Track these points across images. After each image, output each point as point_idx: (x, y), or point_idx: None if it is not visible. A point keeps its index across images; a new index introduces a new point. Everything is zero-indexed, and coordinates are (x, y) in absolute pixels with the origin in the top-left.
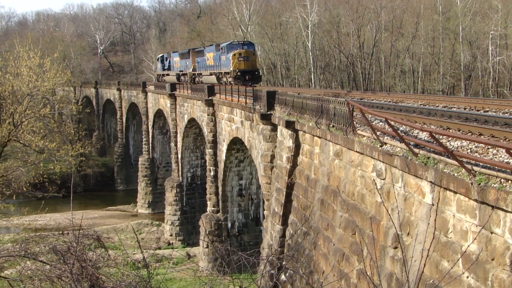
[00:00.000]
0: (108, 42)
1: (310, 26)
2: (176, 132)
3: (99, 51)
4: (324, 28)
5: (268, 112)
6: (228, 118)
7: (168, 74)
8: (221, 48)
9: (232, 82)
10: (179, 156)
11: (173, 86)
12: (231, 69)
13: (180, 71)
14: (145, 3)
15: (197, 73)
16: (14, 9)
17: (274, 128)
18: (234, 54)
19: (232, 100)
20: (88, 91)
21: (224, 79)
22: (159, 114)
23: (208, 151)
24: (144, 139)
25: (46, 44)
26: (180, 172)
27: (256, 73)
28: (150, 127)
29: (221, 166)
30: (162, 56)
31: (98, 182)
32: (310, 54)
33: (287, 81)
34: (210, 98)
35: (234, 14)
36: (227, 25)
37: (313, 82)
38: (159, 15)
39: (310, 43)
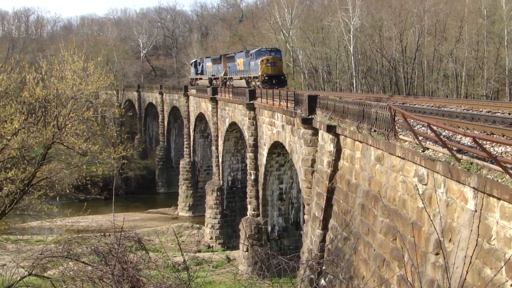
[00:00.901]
0: (151, 46)
1: (352, 30)
2: (217, 136)
3: (141, 55)
4: (366, 32)
5: (310, 117)
6: (269, 122)
7: (201, 78)
8: (251, 54)
9: (260, 86)
10: (220, 159)
11: (214, 90)
12: (259, 73)
13: (212, 75)
14: (187, 7)
15: (228, 77)
16: (60, 14)
17: (315, 132)
18: (262, 60)
19: (273, 104)
20: (131, 95)
21: (253, 83)
22: (201, 117)
23: (249, 155)
24: (185, 143)
25: (90, 48)
26: (220, 176)
27: (282, 77)
28: (191, 130)
29: (262, 170)
30: (196, 61)
31: (140, 184)
32: (352, 58)
33: (328, 85)
34: (251, 102)
35: (276, 18)
36: (268, 29)
37: (354, 86)
38: (201, 19)
39: (352, 47)
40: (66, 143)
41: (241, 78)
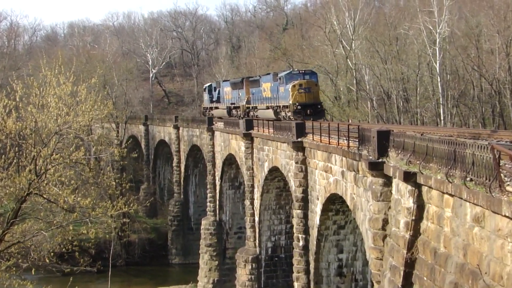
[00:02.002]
0: (163, 64)
1: (438, 40)
2: (252, 186)
3: (150, 75)
4: (458, 43)
5: (380, 160)
6: (323, 167)
7: (217, 107)
8: (279, 78)
9: (291, 117)
10: (256, 219)
11: (249, 124)
12: (290, 102)
13: (232, 103)
14: (212, 11)
15: (252, 106)
16: (41, 20)
17: (388, 181)
18: (294, 85)
19: (329, 143)
20: (136, 129)
21: (283, 113)
22: (230, 161)
23: (296, 212)
24: (209, 195)
25: (82, 65)
26: (257, 241)
27: (319, 107)
28: (217, 178)
29: (314, 233)
30: (210, 86)
31: (146, 252)
32: (438, 79)
33: (405, 116)
34: (299, 139)
35: (333, 26)
36: (323, 41)
37: (442, 118)
38: (232, 27)
39: (438, 64)
40: (46, 195)
41: (267, 108)
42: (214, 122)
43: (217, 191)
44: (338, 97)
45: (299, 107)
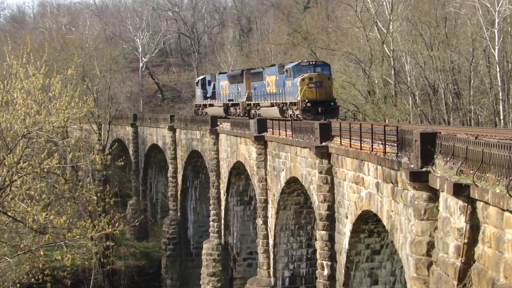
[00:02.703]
0: (156, 51)
1: (497, 21)
2: (266, 201)
3: (140, 65)
4: None
5: (424, 169)
6: (354, 178)
7: (211, 105)
8: (286, 71)
9: (300, 117)
10: (271, 241)
11: (262, 124)
12: (299, 98)
13: (229, 100)
14: None
15: (254, 104)
16: None
17: (434, 195)
18: (303, 79)
19: (360, 148)
20: (122, 132)
21: (290, 112)
22: (238, 170)
23: (320, 233)
24: (212, 213)
25: (55, 53)
26: (271, 269)
27: (332, 104)
28: (222, 192)
29: (342, 260)
30: (204, 79)
31: (135, 283)
32: (497, 69)
33: (455, 115)
34: (323, 144)
35: (366, 4)
36: (353, 22)
37: (501, 117)
38: (241, 6)
39: (497, 50)
40: (11, 212)
41: (272, 105)
42: (218, 123)
43: (222, 207)
44: (372, 92)
45: (308, 104)
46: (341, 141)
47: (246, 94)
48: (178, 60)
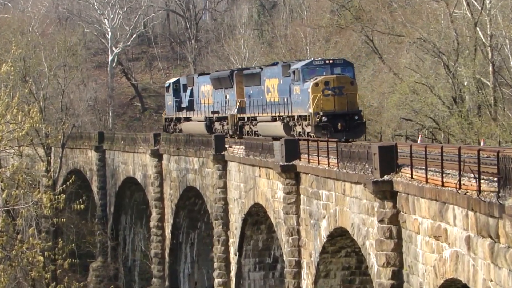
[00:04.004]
0: (133, 38)
1: None
2: (298, 265)
3: (109, 58)
4: None
5: None
6: (431, 230)
7: (188, 118)
8: (293, 72)
9: (312, 135)
10: None
11: (291, 148)
12: (311, 110)
13: (213, 112)
14: None
15: (248, 117)
16: None
17: None
18: (317, 84)
19: (442, 184)
20: (82, 158)
21: (298, 129)
22: (256, 217)
23: None
24: (217, 282)
25: None
26: None
27: (356, 117)
28: (232, 250)
29: None
30: (177, 83)
31: None
32: None
33: None
34: (386, 178)
35: None
36: None
37: None
38: None
39: None
40: None
41: (274, 119)
42: (227, 145)
43: (233, 274)
44: (459, 99)
45: (324, 118)
46: (412, 174)
47: (238, 104)
48: (166, 51)
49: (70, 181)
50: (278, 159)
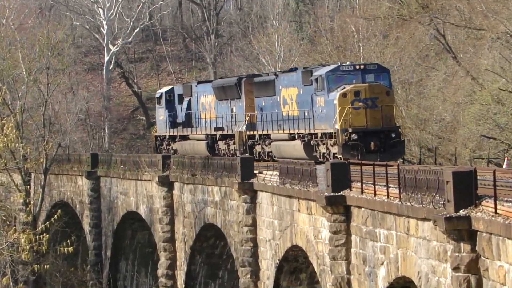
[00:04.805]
0: (135, 33)
1: None
2: None
3: (105, 58)
4: None
5: None
6: None
7: (185, 137)
8: (316, 79)
9: (340, 156)
10: None
11: (339, 174)
12: (337, 126)
13: (217, 129)
14: None
15: (260, 135)
16: None
17: None
18: (344, 94)
19: None
20: (70, 188)
21: (322, 149)
22: (295, 264)
23: None
24: None
25: None
26: None
27: (393, 135)
28: None
29: None
30: (170, 93)
31: None
32: None
33: None
34: (462, 213)
35: None
36: None
37: None
38: None
39: None
40: None
41: (292, 137)
42: (256, 171)
43: None
44: None
45: (354, 136)
46: (496, 208)
47: (247, 118)
48: (178, 50)
49: (55, 216)
50: (323, 189)
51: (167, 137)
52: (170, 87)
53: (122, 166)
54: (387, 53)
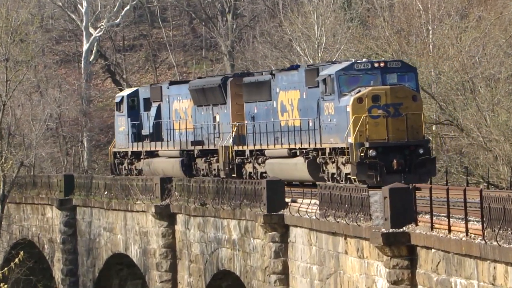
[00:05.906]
0: (124, 12)
1: None
2: None
3: (84, 47)
4: None
5: None
6: None
7: (152, 153)
8: (324, 80)
9: (353, 178)
10: None
11: (402, 200)
12: (351, 140)
13: (195, 142)
14: None
15: (251, 150)
16: None
17: None
18: (359, 99)
19: None
20: (36, 221)
21: (331, 169)
22: None
23: None
24: None
25: None
26: None
27: (421, 151)
28: None
29: None
30: (134, 97)
31: None
32: None
33: None
34: None
35: None
36: None
37: None
38: None
39: None
40: None
41: (292, 154)
42: (288, 199)
43: None
44: None
45: (372, 152)
46: None
47: (234, 129)
48: (183, 35)
49: (16, 261)
50: (379, 223)
51: (129, 153)
52: (134, 89)
53: (106, 193)
54: (465, 38)
